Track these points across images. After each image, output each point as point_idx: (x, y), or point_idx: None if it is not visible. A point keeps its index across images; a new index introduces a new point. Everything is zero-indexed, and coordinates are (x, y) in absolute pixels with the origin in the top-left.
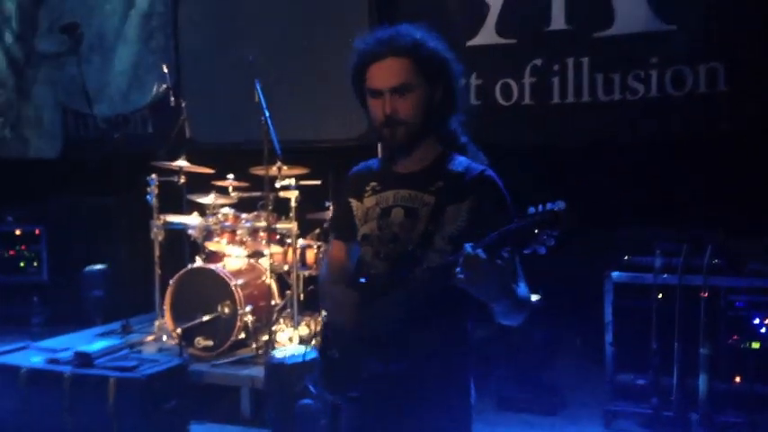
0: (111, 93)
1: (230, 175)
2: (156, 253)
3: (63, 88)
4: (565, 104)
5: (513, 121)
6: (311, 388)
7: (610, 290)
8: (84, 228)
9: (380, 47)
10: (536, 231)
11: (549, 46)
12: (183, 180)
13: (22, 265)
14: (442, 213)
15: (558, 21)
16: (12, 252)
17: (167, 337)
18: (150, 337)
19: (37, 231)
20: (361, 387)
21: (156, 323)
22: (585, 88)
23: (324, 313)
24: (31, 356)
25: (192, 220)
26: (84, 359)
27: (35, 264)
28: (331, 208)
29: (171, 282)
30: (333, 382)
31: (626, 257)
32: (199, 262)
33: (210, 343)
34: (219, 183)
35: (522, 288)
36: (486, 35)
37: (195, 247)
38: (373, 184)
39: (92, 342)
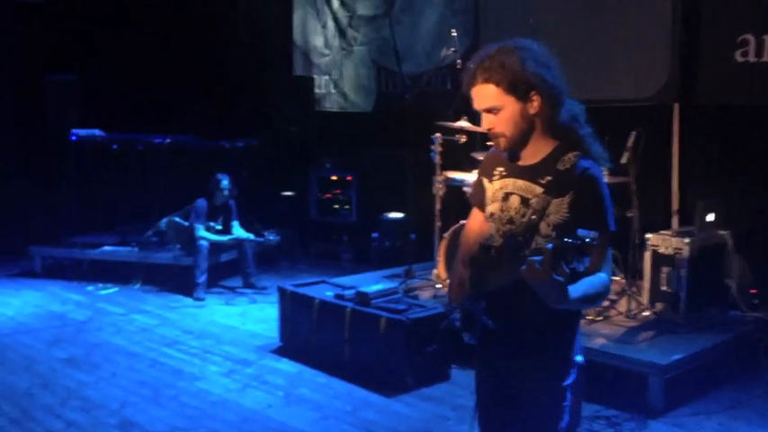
0: (417, 52)
1: None
2: (437, 206)
3: (377, 48)
4: None
5: None
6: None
7: None
8: (387, 177)
9: (473, 73)
10: (576, 253)
11: None
12: (463, 139)
13: (335, 207)
14: (548, 204)
15: None
16: (328, 195)
17: (441, 286)
18: (426, 284)
19: (349, 178)
20: (476, 337)
21: (434, 271)
22: None
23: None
24: (325, 291)
25: (470, 177)
26: (363, 298)
27: (347, 207)
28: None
29: (444, 235)
30: (462, 325)
31: None
32: None
33: None
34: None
35: (588, 283)
36: None
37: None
38: (500, 169)
39: (376, 283)
